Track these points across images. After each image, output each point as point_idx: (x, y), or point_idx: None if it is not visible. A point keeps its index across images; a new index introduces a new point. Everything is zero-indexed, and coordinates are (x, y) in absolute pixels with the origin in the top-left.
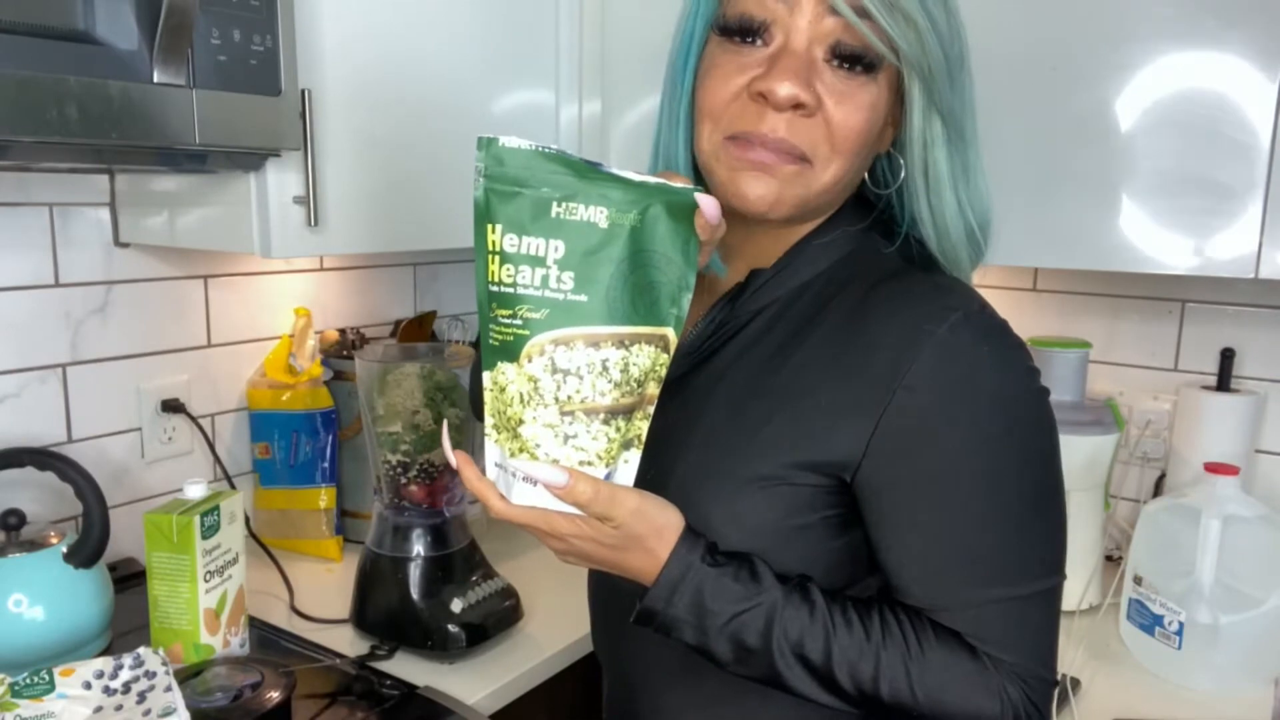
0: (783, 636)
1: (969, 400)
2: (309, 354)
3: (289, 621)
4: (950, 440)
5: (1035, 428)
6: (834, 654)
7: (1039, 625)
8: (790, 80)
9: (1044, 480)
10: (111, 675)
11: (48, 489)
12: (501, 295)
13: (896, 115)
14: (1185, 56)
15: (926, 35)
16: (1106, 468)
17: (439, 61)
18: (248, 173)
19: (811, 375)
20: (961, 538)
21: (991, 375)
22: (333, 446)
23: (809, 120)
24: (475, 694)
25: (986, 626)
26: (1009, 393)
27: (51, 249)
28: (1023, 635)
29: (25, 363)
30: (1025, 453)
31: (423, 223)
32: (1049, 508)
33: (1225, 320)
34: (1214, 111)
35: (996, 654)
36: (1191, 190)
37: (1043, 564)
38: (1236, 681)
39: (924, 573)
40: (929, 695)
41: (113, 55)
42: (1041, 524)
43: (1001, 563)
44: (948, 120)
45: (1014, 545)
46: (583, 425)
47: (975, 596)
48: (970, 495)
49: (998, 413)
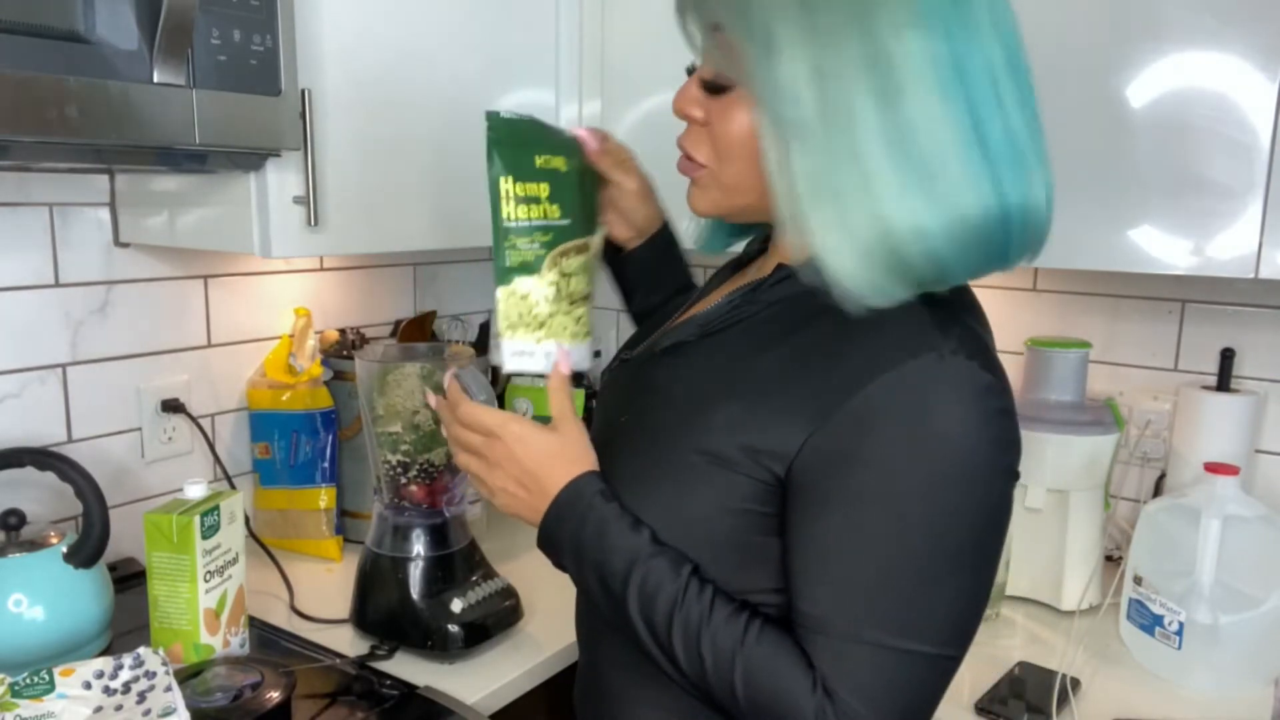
0: (640, 587)
1: (913, 439)
2: (309, 354)
3: (289, 621)
4: (881, 470)
5: (977, 489)
6: (675, 617)
7: (900, 685)
8: (678, 100)
9: (969, 545)
10: (111, 675)
11: (48, 489)
12: (518, 228)
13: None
14: (1185, 56)
15: (744, 52)
16: (1106, 468)
17: (439, 61)
18: (248, 173)
19: (781, 372)
20: (861, 569)
21: (946, 422)
22: (333, 446)
23: (700, 130)
24: (475, 694)
25: (846, 663)
26: (959, 445)
27: (51, 249)
28: (876, 686)
29: (25, 363)
30: (957, 511)
31: (423, 223)
32: (964, 575)
33: (1225, 320)
34: (1214, 111)
35: (837, 689)
36: (1191, 190)
37: (933, 629)
38: (1236, 681)
39: (815, 589)
40: (748, 691)
41: (113, 55)
42: (949, 589)
43: (890, 610)
44: (795, 136)
45: (909, 598)
46: (582, 310)
47: (849, 629)
48: (883, 532)
49: (940, 461)
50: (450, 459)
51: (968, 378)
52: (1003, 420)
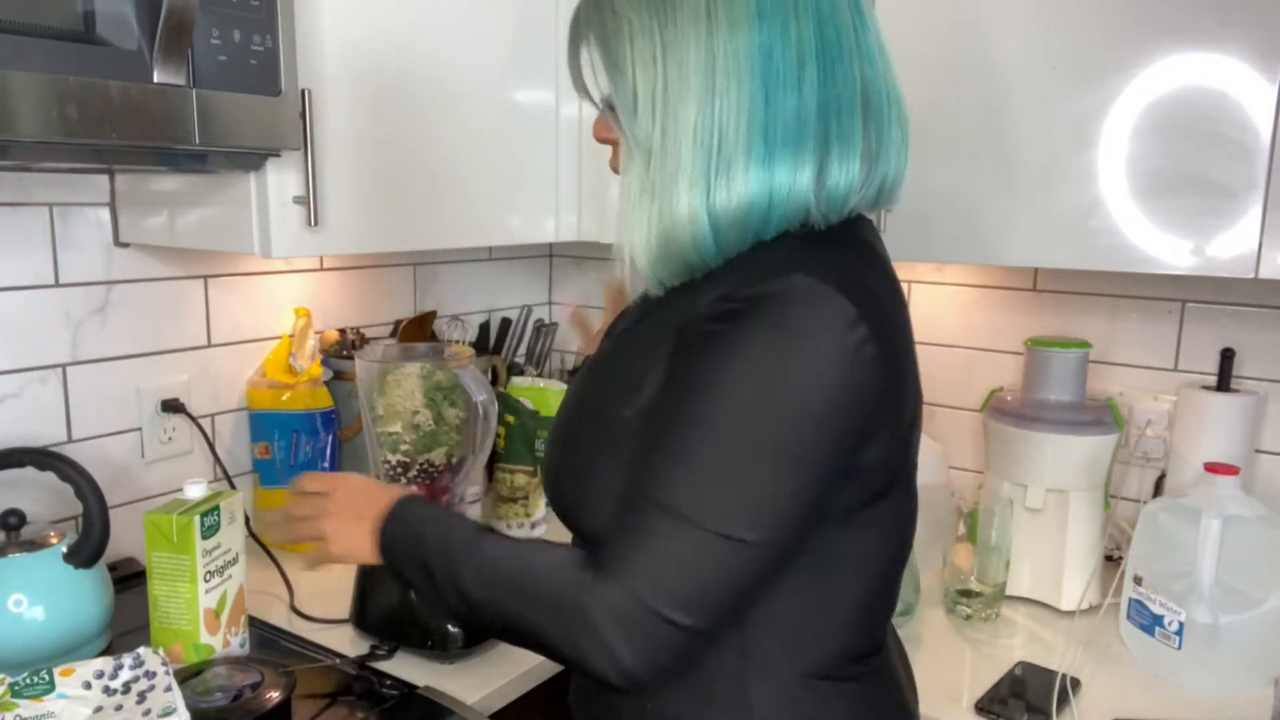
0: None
1: (756, 339)
2: (309, 354)
3: (289, 621)
4: (703, 366)
5: (786, 384)
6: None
7: (690, 561)
8: (595, 126)
9: (770, 435)
10: (111, 675)
11: (48, 489)
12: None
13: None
14: (1185, 56)
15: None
16: (1106, 468)
17: (439, 61)
18: (248, 173)
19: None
20: (668, 450)
21: (791, 334)
22: (333, 446)
23: (617, 150)
24: (475, 694)
25: (632, 534)
26: (797, 353)
27: (51, 249)
28: (648, 557)
29: (25, 363)
30: (772, 405)
31: (423, 223)
32: (764, 463)
33: (1225, 320)
34: (1214, 111)
35: (620, 567)
36: (1191, 190)
37: (722, 507)
38: (1236, 681)
39: (630, 472)
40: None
41: (113, 55)
42: (745, 472)
43: (689, 489)
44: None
45: (705, 475)
46: None
47: (643, 504)
48: (692, 417)
49: (761, 357)
50: (450, 459)
51: (824, 299)
52: (857, 349)
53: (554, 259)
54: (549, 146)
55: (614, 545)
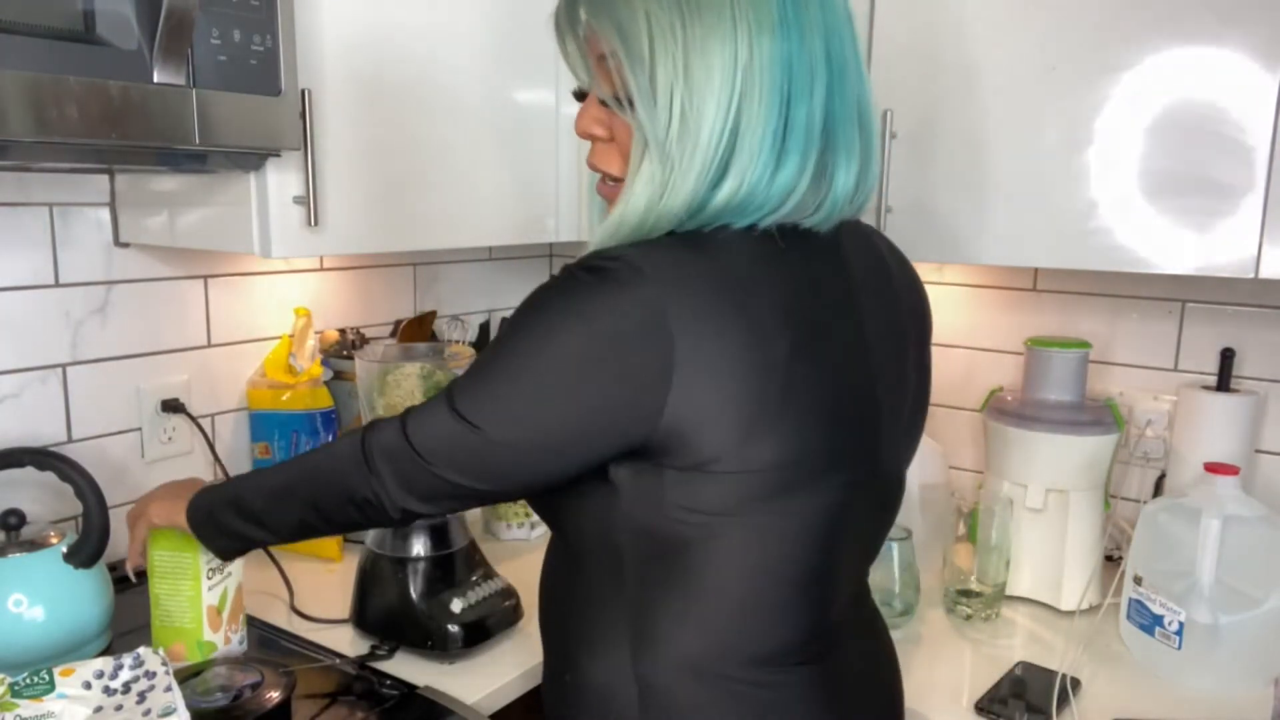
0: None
1: (553, 287)
2: (309, 354)
3: (289, 621)
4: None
5: (542, 313)
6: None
7: (434, 416)
8: (579, 121)
9: (518, 346)
10: (111, 675)
11: (48, 489)
12: None
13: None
14: (1185, 56)
15: (594, 72)
16: (1106, 468)
17: (439, 61)
18: (248, 173)
19: None
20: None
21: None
22: None
23: (607, 146)
24: (475, 694)
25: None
26: (542, 293)
27: (51, 249)
28: (423, 411)
29: (25, 363)
30: (521, 327)
31: (423, 223)
32: (504, 364)
33: (1225, 320)
34: (1214, 111)
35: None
36: (1191, 190)
37: (467, 399)
38: (1236, 681)
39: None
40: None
41: (113, 55)
42: (510, 390)
43: (464, 379)
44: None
45: (475, 379)
46: None
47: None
48: (503, 337)
49: (561, 308)
50: None
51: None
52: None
53: (554, 259)
54: (549, 146)
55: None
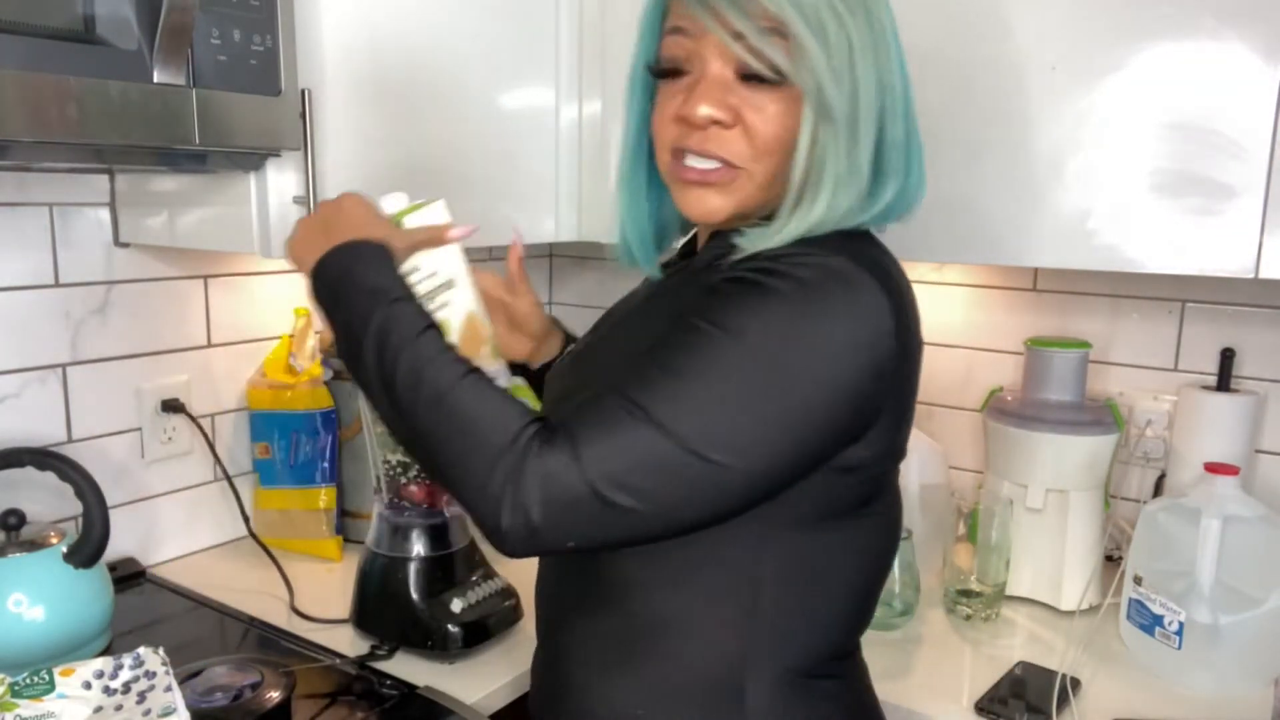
0: (382, 317)
1: (798, 304)
2: (309, 354)
3: (289, 621)
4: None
5: (816, 352)
6: (403, 347)
7: (628, 444)
8: (704, 102)
9: (785, 391)
10: (111, 675)
11: (48, 489)
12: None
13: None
14: (1185, 55)
15: (807, 48)
16: (1106, 468)
17: (439, 62)
18: (248, 173)
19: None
20: (674, 359)
21: (833, 310)
22: (333, 446)
23: (729, 133)
24: (475, 694)
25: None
26: (833, 330)
27: (51, 249)
28: (606, 434)
29: (25, 363)
30: (785, 360)
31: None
32: (765, 412)
33: (1225, 320)
34: (1214, 111)
35: (570, 440)
36: (1191, 190)
37: (705, 433)
38: (1236, 681)
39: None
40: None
41: (113, 55)
42: (743, 414)
43: (670, 401)
44: (838, 125)
45: (697, 404)
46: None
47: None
48: (701, 345)
49: (794, 316)
50: None
51: (864, 286)
52: (881, 339)
53: (554, 259)
54: (549, 146)
55: (572, 423)
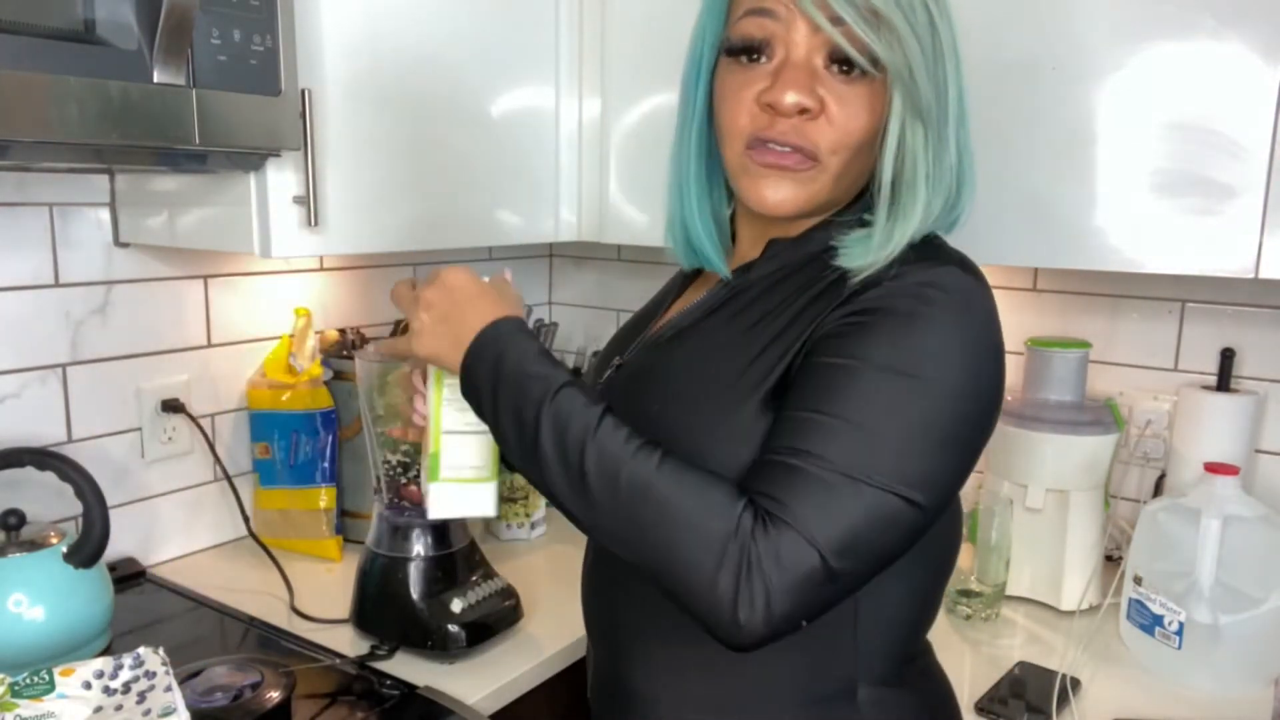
0: (554, 415)
1: (935, 316)
2: (309, 354)
3: (289, 621)
4: (900, 335)
5: (979, 372)
6: (589, 446)
7: (842, 508)
8: (793, 89)
9: (955, 415)
10: (111, 675)
11: (48, 489)
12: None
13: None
14: (1185, 56)
15: (906, 40)
16: (1106, 468)
17: (439, 61)
18: (248, 173)
19: (803, 313)
20: (842, 405)
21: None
22: (333, 446)
23: (814, 123)
24: (475, 694)
25: (803, 484)
26: (975, 328)
27: (51, 249)
28: (818, 502)
29: (25, 363)
30: (953, 381)
31: (423, 223)
32: (945, 438)
33: (1225, 320)
34: (1214, 111)
35: (782, 500)
36: (1191, 190)
37: (896, 469)
38: (1236, 681)
39: (797, 424)
40: (661, 497)
41: (113, 55)
42: (928, 443)
43: (863, 447)
44: (927, 123)
45: (887, 439)
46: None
47: (810, 446)
48: (876, 377)
49: (954, 336)
50: None
51: (984, 294)
52: (1000, 341)
53: (554, 259)
54: (549, 146)
55: (776, 493)
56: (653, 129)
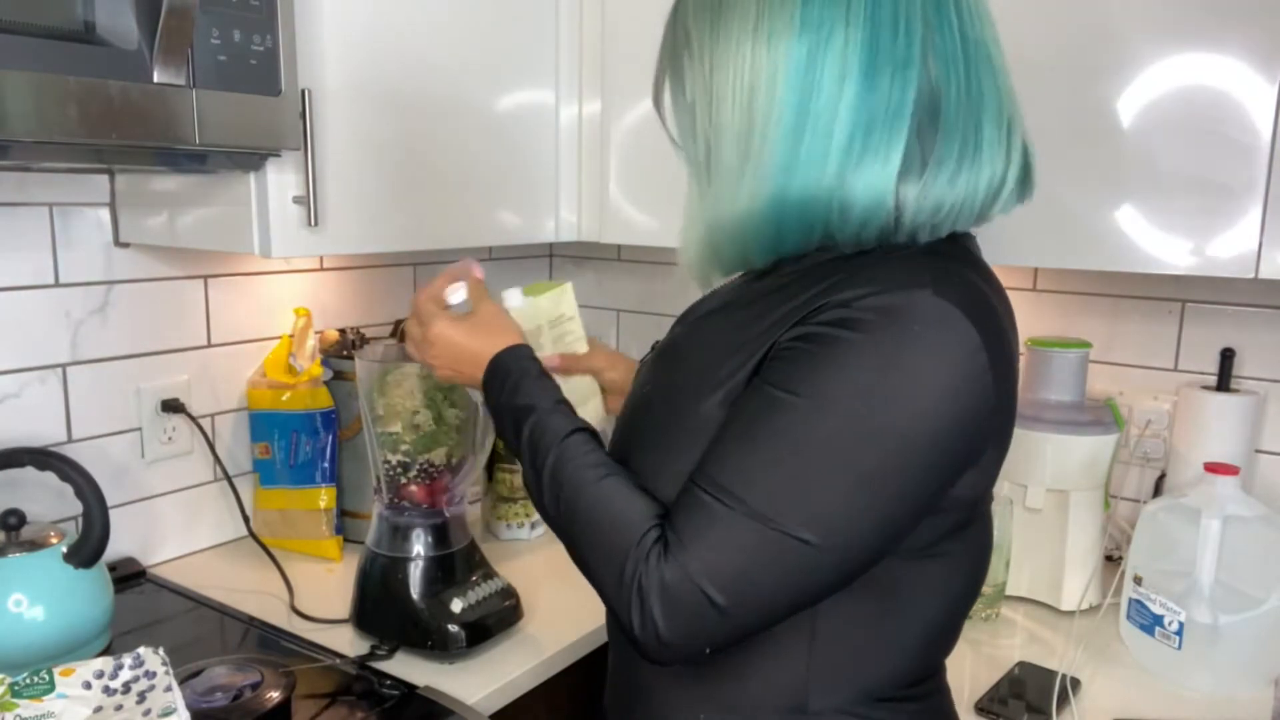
0: (531, 431)
1: (879, 358)
2: (309, 354)
3: (289, 621)
4: (839, 372)
5: (914, 412)
6: (550, 452)
7: (736, 547)
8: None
9: (889, 468)
10: (111, 675)
11: (48, 489)
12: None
13: None
14: (1185, 56)
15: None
16: (1106, 468)
17: (439, 61)
18: (248, 173)
19: (785, 318)
20: (766, 441)
21: (915, 359)
22: (333, 446)
23: None
24: (475, 694)
25: (700, 512)
26: (922, 382)
27: (51, 249)
28: (713, 540)
29: (25, 363)
30: (878, 427)
31: (423, 223)
32: (860, 485)
33: (1225, 320)
34: (1214, 111)
35: (679, 532)
36: (1191, 190)
37: (801, 514)
38: (1236, 681)
39: (718, 453)
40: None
41: (113, 55)
42: (838, 490)
43: (773, 482)
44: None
45: (790, 484)
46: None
47: (724, 488)
48: (789, 418)
49: (898, 391)
50: (450, 459)
51: (952, 324)
52: (975, 379)
53: (554, 259)
54: (549, 146)
55: (678, 524)
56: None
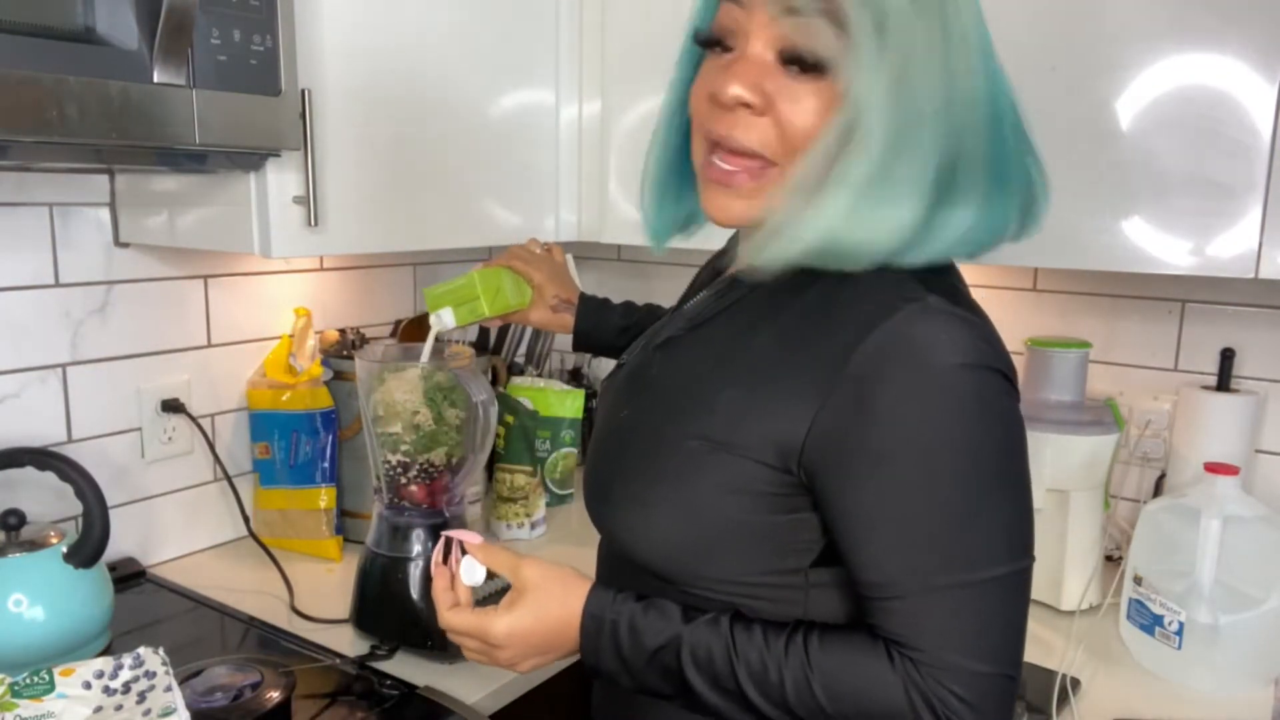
0: (693, 660)
1: (913, 387)
2: (309, 354)
3: (289, 622)
4: (893, 425)
5: (982, 414)
6: (738, 670)
7: (986, 616)
8: (735, 82)
9: (993, 466)
10: (111, 675)
11: (48, 489)
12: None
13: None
14: (1185, 56)
15: (862, 44)
16: (1106, 468)
17: (439, 61)
18: (248, 173)
19: (774, 352)
20: (911, 524)
21: (940, 364)
22: (333, 446)
23: (760, 120)
24: (475, 694)
25: (926, 618)
26: (957, 381)
27: (51, 249)
28: (962, 627)
29: (25, 363)
30: (970, 440)
31: (423, 223)
32: (1000, 493)
33: (1225, 320)
34: (1214, 111)
35: (918, 646)
36: (1191, 190)
37: (989, 551)
38: (1236, 681)
39: (873, 556)
40: (834, 700)
41: (113, 55)
42: (990, 510)
43: (950, 551)
44: (872, 134)
45: (957, 532)
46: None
47: (919, 583)
48: (917, 482)
49: (944, 400)
50: (450, 459)
51: (950, 320)
52: (989, 349)
53: None
54: (549, 146)
55: (923, 643)
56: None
